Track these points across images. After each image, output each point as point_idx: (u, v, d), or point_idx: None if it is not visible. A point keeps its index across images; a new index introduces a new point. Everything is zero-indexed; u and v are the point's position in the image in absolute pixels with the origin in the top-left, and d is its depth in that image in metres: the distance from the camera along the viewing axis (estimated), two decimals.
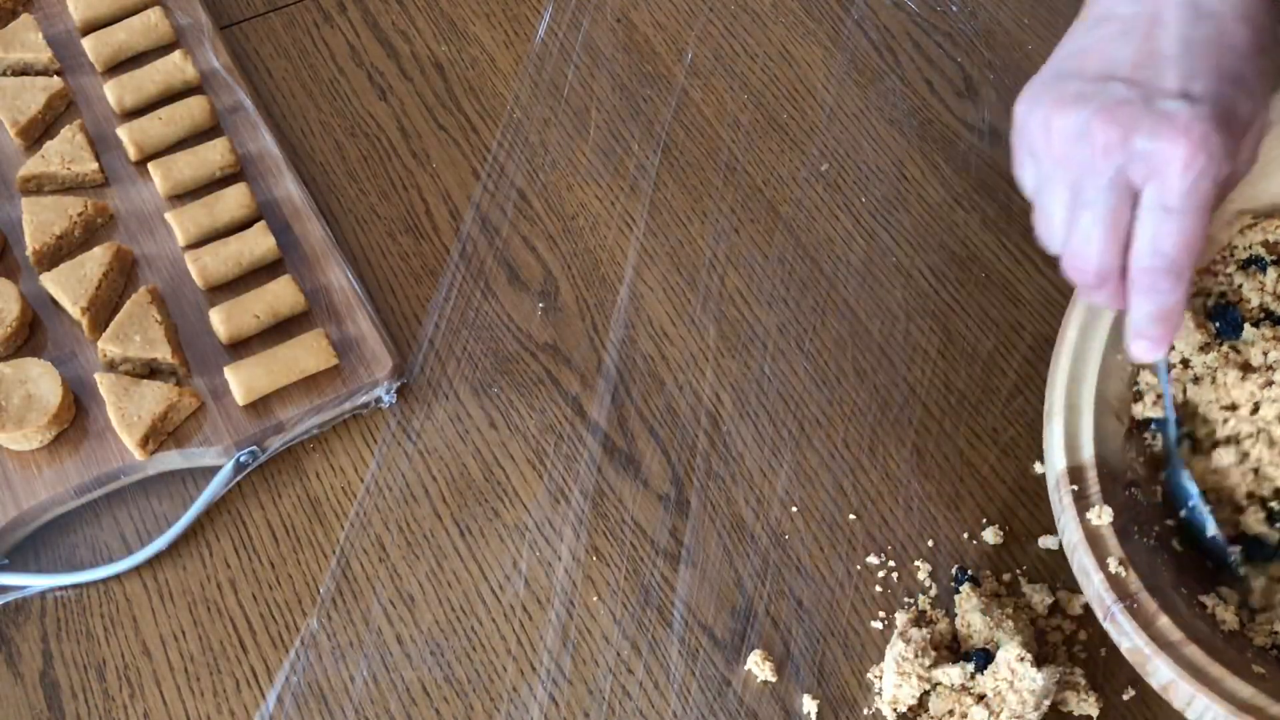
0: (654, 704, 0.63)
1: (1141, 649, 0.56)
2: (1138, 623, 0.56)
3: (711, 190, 0.81)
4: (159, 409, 0.68)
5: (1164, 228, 0.54)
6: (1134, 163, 0.54)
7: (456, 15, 0.89)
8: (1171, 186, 0.54)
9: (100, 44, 0.82)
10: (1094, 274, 0.57)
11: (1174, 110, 0.54)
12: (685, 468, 0.70)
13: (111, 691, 0.64)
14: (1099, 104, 0.55)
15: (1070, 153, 0.56)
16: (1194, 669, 0.55)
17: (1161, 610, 0.57)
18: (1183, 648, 0.55)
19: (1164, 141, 0.53)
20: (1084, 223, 0.56)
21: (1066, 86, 0.57)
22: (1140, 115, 0.54)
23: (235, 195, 0.76)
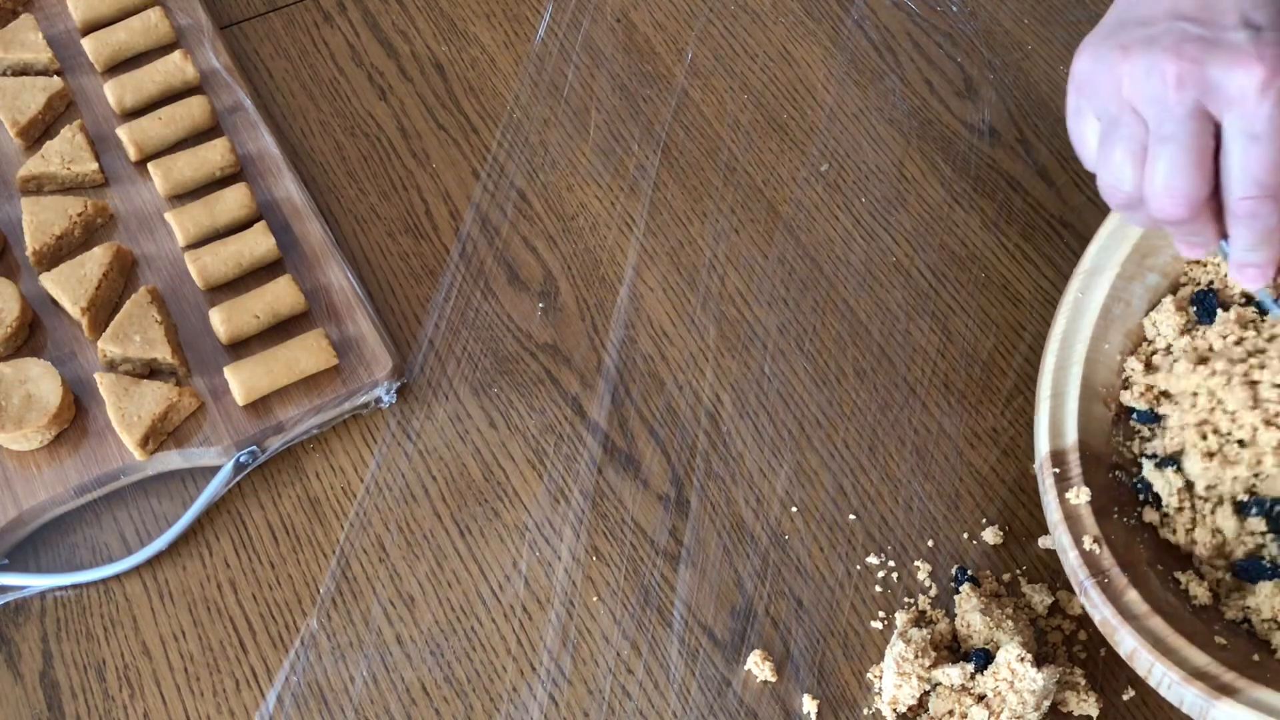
0: (654, 704, 0.63)
1: (1109, 620, 0.59)
2: (1107, 596, 0.59)
3: (711, 190, 0.81)
4: (159, 409, 0.68)
5: (1253, 154, 0.55)
6: (1210, 94, 0.55)
7: (456, 15, 0.89)
8: (1253, 112, 0.54)
9: (100, 44, 0.82)
10: (1188, 207, 0.57)
11: (1242, 40, 0.54)
12: (685, 468, 0.70)
13: (111, 691, 0.64)
14: (1167, 42, 0.55)
15: (1143, 92, 0.56)
16: (1154, 639, 0.58)
17: (1131, 585, 0.60)
18: (1147, 620, 0.58)
19: (1239, 69, 0.54)
20: (1166, 157, 0.56)
21: (1130, 34, 0.57)
22: (1210, 47, 0.55)
23: (235, 195, 0.76)
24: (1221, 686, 0.55)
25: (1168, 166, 0.56)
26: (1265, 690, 0.55)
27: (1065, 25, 0.88)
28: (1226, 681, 0.55)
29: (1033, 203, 0.80)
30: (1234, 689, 0.55)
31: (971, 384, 0.73)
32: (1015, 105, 0.84)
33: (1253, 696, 0.55)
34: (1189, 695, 0.56)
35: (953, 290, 0.76)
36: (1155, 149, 0.56)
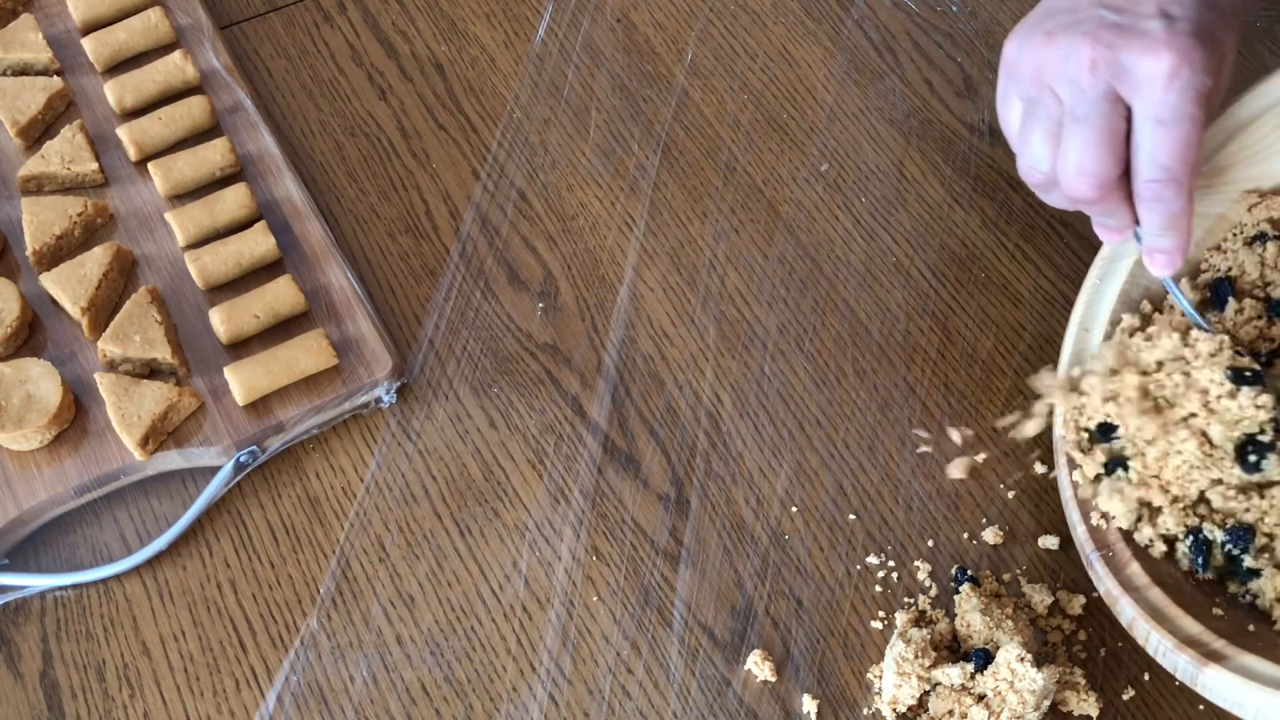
0: (654, 704, 0.63)
1: (1111, 591, 0.61)
2: (1110, 569, 0.61)
3: (711, 190, 0.81)
4: (159, 409, 0.68)
5: (1158, 139, 0.57)
6: (1121, 78, 0.57)
7: (456, 15, 0.89)
8: (1159, 99, 0.57)
9: (100, 44, 0.82)
10: (1097, 186, 0.59)
11: (1155, 28, 0.57)
12: (685, 468, 0.70)
13: (111, 691, 0.64)
14: (1086, 28, 0.58)
15: (1060, 74, 0.59)
16: (1152, 609, 0.59)
17: (1134, 559, 0.61)
18: (1147, 591, 0.60)
19: (1148, 56, 0.56)
20: (1078, 137, 0.59)
21: (1055, 20, 0.60)
22: (1125, 34, 0.57)
23: (235, 195, 0.76)
24: (1210, 653, 0.57)
25: (1079, 147, 0.59)
26: (1252, 657, 0.56)
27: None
28: (1216, 649, 0.57)
29: (1033, 203, 0.80)
30: (1223, 656, 0.56)
31: (971, 384, 0.73)
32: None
33: (1239, 663, 0.56)
34: (1181, 661, 0.57)
35: (953, 290, 0.76)
36: (1068, 129, 0.59)
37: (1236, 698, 0.55)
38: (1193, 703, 0.63)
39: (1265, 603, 0.61)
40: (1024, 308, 0.76)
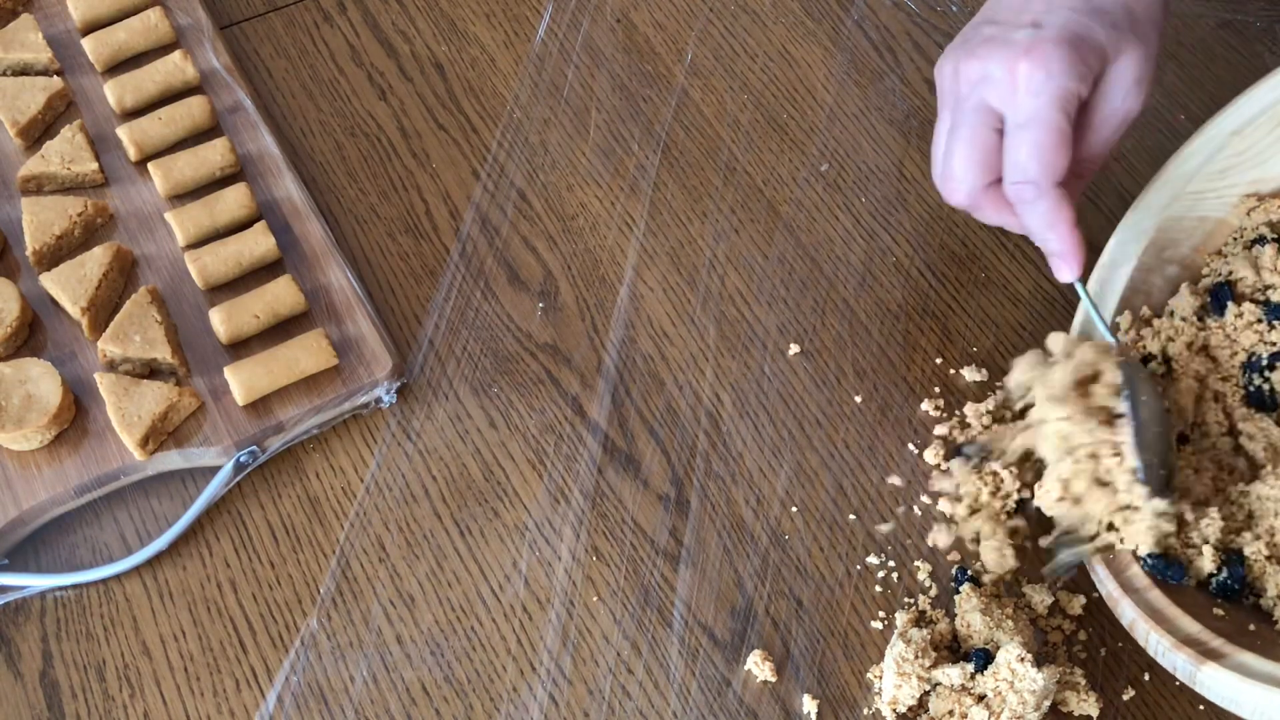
0: (654, 704, 0.63)
1: (1111, 593, 0.61)
2: (1111, 571, 0.62)
3: (711, 190, 0.81)
4: (159, 409, 0.68)
5: (1018, 143, 0.60)
6: (989, 88, 0.61)
7: (456, 15, 0.89)
8: (1018, 103, 0.60)
9: (100, 44, 0.82)
10: (966, 194, 0.63)
11: (1021, 37, 0.60)
12: (685, 468, 0.70)
13: (111, 691, 0.64)
14: (974, 43, 0.62)
15: (947, 90, 0.63)
16: (1151, 610, 0.60)
17: (1134, 561, 0.62)
18: (1147, 593, 0.60)
19: (1006, 63, 0.59)
20: (951, 147, 0.63)
21: (966, 38, 0.64)
22: (995, 45, 0.61)
23: (235, 195, 0.76)
24: (1208, 652, 0.57)
25: (951, 156, 0.63)
26: (1251, 655, 0.56)
27: None
28: (1214, 647, 0.57)
29: None
30: (1221, 654, 0.57)
31: (971, 384, 0.73)
32: None
33: (1237, 660, 0.56)
34: (1179, 660, 0.57)
35: (953, 290, 0.76)
36: (948, 141, 0.63)
37: (1234, 695, 0.56)
38: (1193, 703, 0.63)
39: (1268, 602, 0.61)
40: (1024, 308, 0.76)
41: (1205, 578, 0.62)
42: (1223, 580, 0.61)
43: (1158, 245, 0.69)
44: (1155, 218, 0.69)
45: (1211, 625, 0.58)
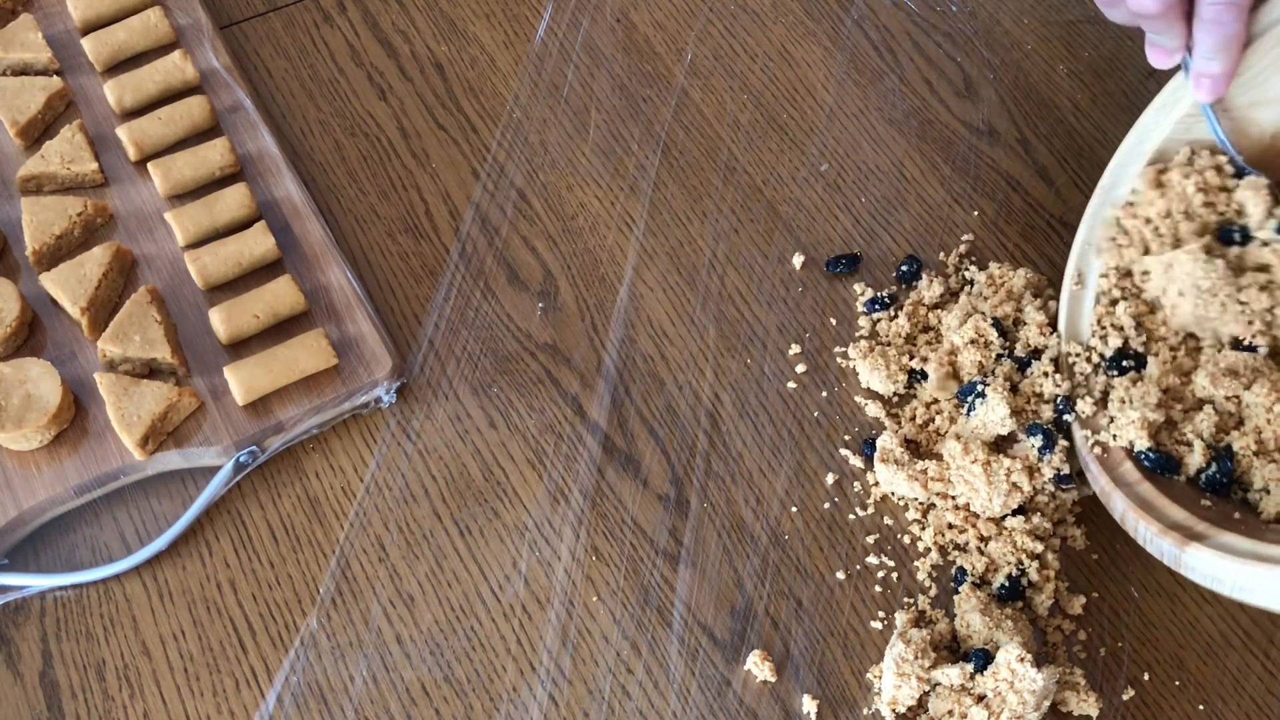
0: (654, 704, 0.63)
1: (1104, 489, 0.64)
2: (1104, 468, 0.64)
3: (711, 190, 0.81)
4: (159, 409, 0.68)
5: None
6: None
7: (456, 15, 0.89)
8: None
9: (100, 44, 0.82)
10: (1159, 6, 0.64)
11: None
12: (685, 468, 0.70)
13: (111, 691, 0.64)
14: None
15: None
16: (1141, 501, 0.62)
17: (1127, 457, 0.64)
18: (1138, 486, 0.63)
19: None
20: None
21: None
22: None
23: (235, 195, 0.76)
24: (1193, 535, 0.59)
25: None
26: (1233, 536, 0.58)
27: (1065, 25, 0.88)
28: (1199, 531, 0.59)
29: (1032, 203, 0.80)
30: (1204, 536, 0.58)
31: None
32: (1015, 105, 0.84)
33: (1219, 541, 0.58)
34: (1165, 545, 0.59)
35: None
36: None
37: (1215, 573, 0.57)
38: (1193, 703, 0.63)
39: (1255, 496, 0.63)
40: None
41: (1195, 474, 0.64)
42: (1211, 474, 0.63)
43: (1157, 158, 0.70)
44: (1153, 140, 0.70)
45: (1198, 513, 0.60)
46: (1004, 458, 0.65)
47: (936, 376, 0.70)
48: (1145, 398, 0.65)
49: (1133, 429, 0.64)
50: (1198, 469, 0.64)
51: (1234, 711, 0.63)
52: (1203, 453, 0.63)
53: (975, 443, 0.65)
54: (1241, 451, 0.63)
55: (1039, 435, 0.66)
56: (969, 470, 0.65)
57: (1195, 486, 0.64)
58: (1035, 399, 0.68)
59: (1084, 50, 0.87)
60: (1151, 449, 0.63)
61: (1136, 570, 0.67)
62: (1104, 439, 0.65)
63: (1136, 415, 0.64)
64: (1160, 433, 0.64)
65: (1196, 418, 0.64)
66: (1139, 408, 0.64)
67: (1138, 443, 0.64)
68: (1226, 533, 0.58)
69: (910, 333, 0.73)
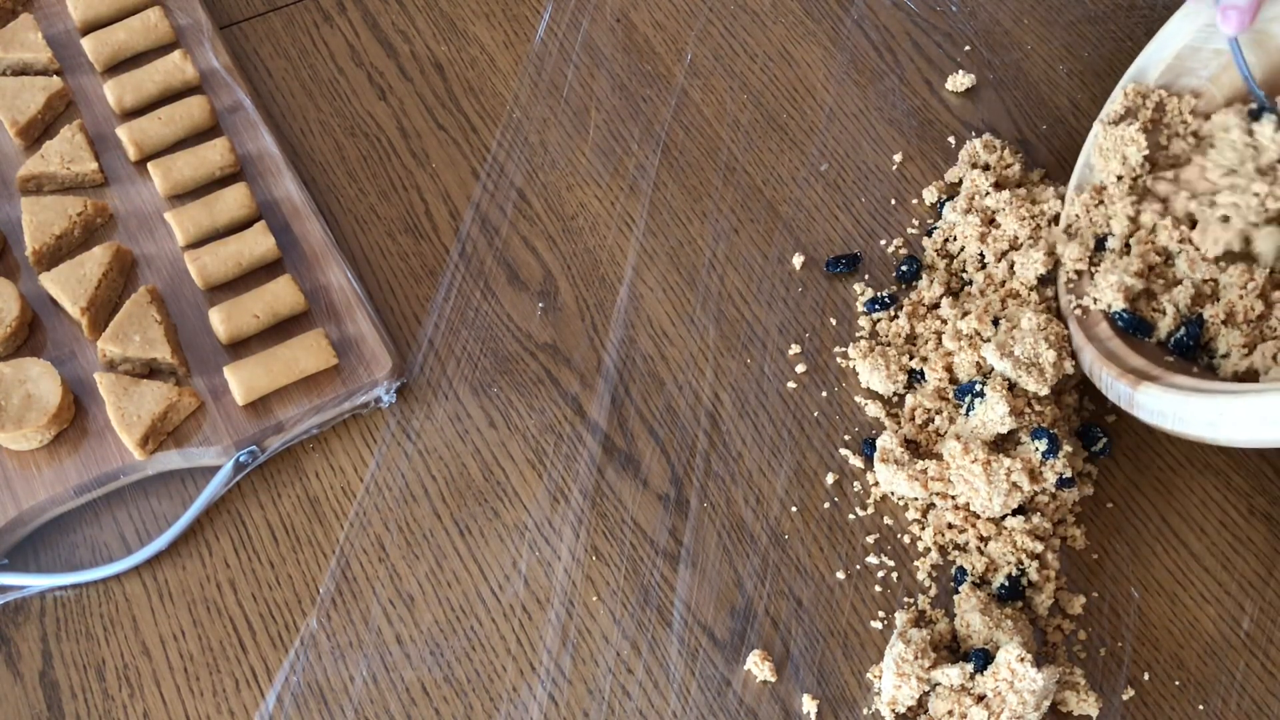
0: (654, 704, 0.63)
1: (1077, 344, 0.68)
2: (1080, 327, 0.69)
3: (711, 190, 0.81)
4: (158, 409, 0.68)
5: None
6: None
7: (456, 15, 0.89)
8: None
9: (100, 44, 0.82)
10: None
11: None
12: (685, 468, 0.70)
13: (111, 691, 0.64)
14: None
15: None
16: (1108, 353, 0.66)
17: (1104, 319, 0.68)
18: (1108, 341, 0.67)
19: None
20: None
21: None
22: None
23: (235, 195, 0.76)
24: (1148, 377, 0.63)
25: None
26: (1183, 377, 0.62)
27: (1065, 25, 0.88)
28: (1154, 374, 0.63)
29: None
30: (1158, 379, 0.63)
31: None
32: (1015, 105, 0.84)
33: (1170, 381, 0.62)
34: (1121, 388, 0.64)
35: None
36: None
37: (1159, 407, 0.61)
38: (1193, 703, 0.63)
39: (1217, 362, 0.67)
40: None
41: (1165, 337, 0.68)
42: (1180, 337, 0.68)
43: (1173, 72, 0.74)
44: (1174, 46, 0.74)
45: (1158, 362, 0.65)
46: (1004, 457, 0.65)
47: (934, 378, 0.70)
48: (1128, 267, 0.69)
49: (1110, 292, 0.68)
50: (1168, 332, 0.68)
51: (1234, 711, 0.63)
52: (1174, 318, 0.68)
53: (975, 442, 0.66)
54: (1211, 319, 0.68)
55: (1044, 439, 0.65)
56: (969, 470, 0.65)
57: (1164, 348, 0.68)
58: (1035, 400, 0.68)
59: (1084, 50, 0.87)
60: (1126, 310, 0.68)
61: (1136, 570, 0.67)
62: (1085, 303, 0.70)
63: (1116, 279, 0.68)
64: (1139, 299, 0.69)
65: (1175, 290, 0.69)
66: (1119, 273, 0.69)
67: (1114, 304, 0.68)
68: (1179, 376, 0.63)
69: (910, 333, 0.73)
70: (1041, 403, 0.68)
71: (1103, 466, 0.70)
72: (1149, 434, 0.71)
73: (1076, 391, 0.71)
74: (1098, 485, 0.69)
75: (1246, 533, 0.68)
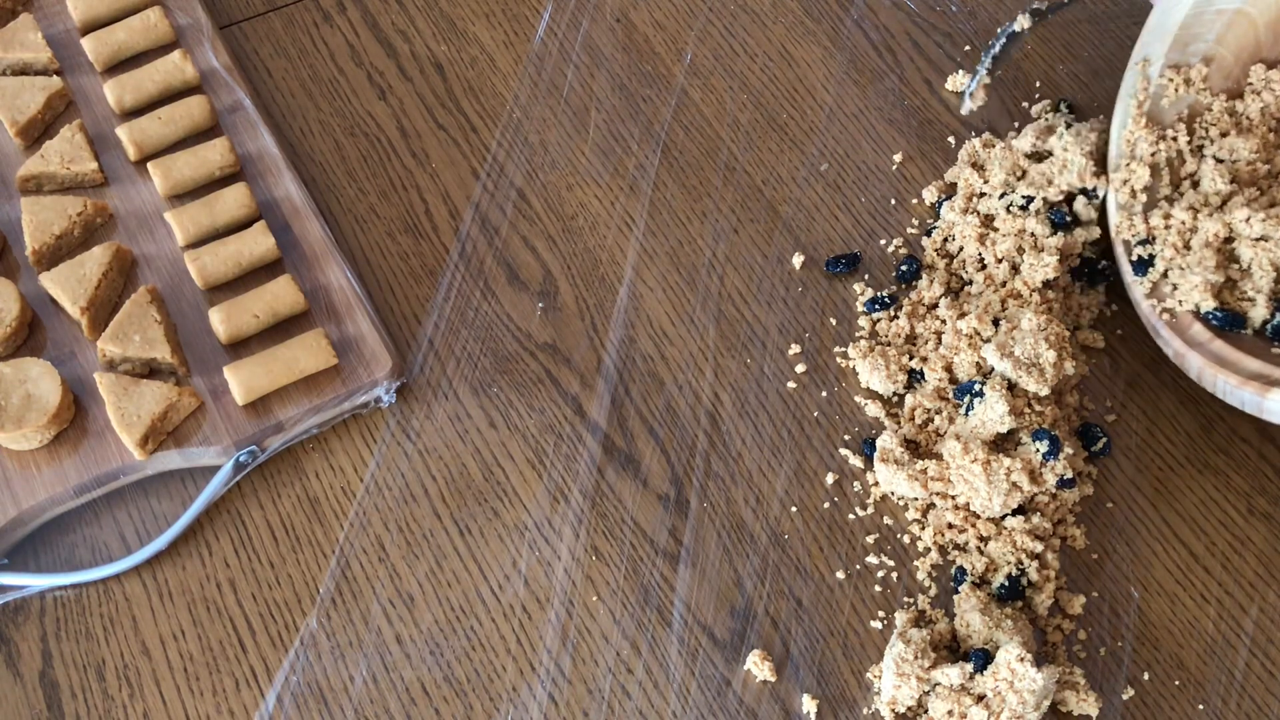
0: (654, 704, 0.63)
1: (1178, 350, 0.67)
2: (1174, 331, 0.67)
3: (711, 190, 0.81)
4: (158, 409, 0.68)
5: None
6: None
7: (456, 15, 0.89)
8: None
9: (100, 44, 0.82)
10: None
11: None
12: (685, 467, 0.70)
13: (111, 691, 0.64)
14: None
15: None
16: (1217, 358, 0.65)
17: (1195, 320, 0.67)
18: (1210, 344, 0.66)
19: None
20: None
21: None
22: None
23: (235, 195, 0.76)
24: (1273, 381, 0.62)
25: None
26: None
27: (1064, 25, 0.88)
28: (1278, 378, 0.62)
29: None
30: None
31: None
32: (1015, 105, 0.84)
33: None
34: (1246, 395, 0.63)
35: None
36: None
37: None
38: (1193, 703, 0.63)
39: None
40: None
41: (1261, 325, 0.67)
42: (1277, 323, 0.67)
43: (1182, 42, 0.74)
44: (1178, 14, 0.74)
45: (1272, 361, 0.64)
46: (1004, 457, 0.65)
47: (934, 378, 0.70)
48: (1204, 262, 0.68)
49: (1196, 292, 0.67)
50: (1263, 320, 0.67)
51: (1234, 711, 0.63)
52: (1265, 304, 0.67)
53: (975, 442, 0.66)
54: None
55: (1045, 440, 0.65)
56: (969, 470, 0.65)
57: (1263, 337, 0.67)
58: (1035, 400, 0.68)
59: (1084, 50, 0.87)
60: (1217, 308, 0.67)
61: (1136, 570, 0.67)
62: (1170, 305, 0.68)
63: (1199, 280, 0.67)
64: (1222, 292, 0.68)
65: (1255, 274, 0.68)
66: (1200, 272, 0.67)
67: (1203, 304, 0.67)
68: None
69: (910, 333, 0.73)
70: (1041, 403, 0.68)
71: (1103, 466, 0.70)
72: (1149, 434, 0.71)
73: (1077, 392, 0.71)
74: (1098, 485, 0.69)
75: (1246, 533, 0.68)
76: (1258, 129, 0.73)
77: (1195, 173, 0.72)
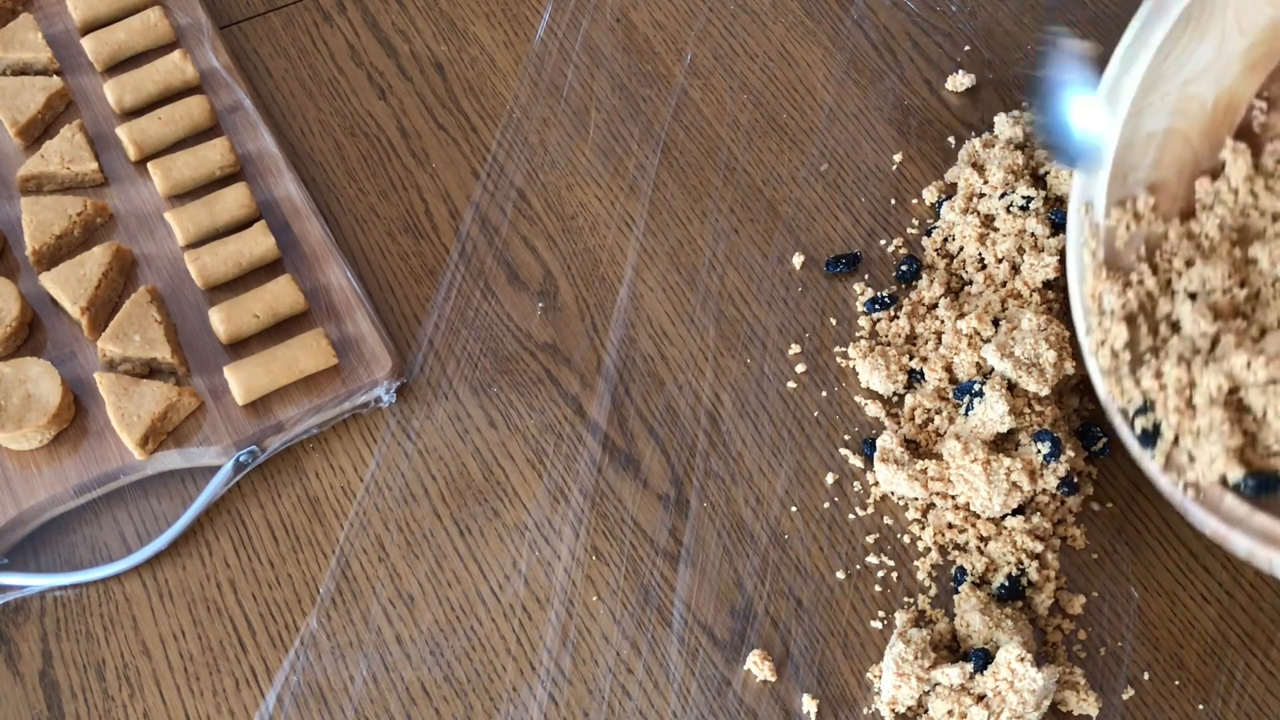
0: (654, 704, 0.63)
1: (1218, 530, 0.60)
2: (1208, 510, 0.60)
3: (711, 190, 0.81)
4: (158, 409, 0.68)
5: None
6: None
7: (456, 15, 0.89)
8: None
9: (100, 44, 0.82)
10: None
11: None
12: (685, 467, 0.70)
13: (111, 691, 0.64)
14: None
15: None
16: (1265, 535, 0.58)
17: (1226, 492, 0.60)
18: (1252, 519, 0.59)
19: None
20: None
21: None
22: None
23: (235, 195, 0.76)
24: None
25: None
26: None
27: (1065, 25, 0.88)
28: None
29: None
30: None
31: None
32: (1015, 105, 0.84)
33: None
34: None
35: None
36: None
37: None
38: (1193, 703, 0.63)
39: None
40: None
41: None
42: None
43: (1119, 175, 0.68)
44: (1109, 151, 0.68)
45: None
46: (1004, 457, 0.65)
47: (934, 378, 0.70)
48: (1216, 425, 0.61)
49: (1220, 462, 0.60)
50: None
51: (1234, 711, 0.63)
52: None
53: (975, 442, 0.65)
54: None
55: (1046, 441, 0.65)
56: (969, 470, 0.65)
57: None
58: (1036, 400, 0.68)
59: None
60: (1247, 475, 0.60)
61: (1137, 570, 0.67)
62: (1192, 478, 0.61)
63: (1218, 449, 0.60)
64: (1245, 451, 0.61)
65: (1273, 422, 0.61)
66: (1216, 440, 0.61)
67: (1230, 474, 0.60)
68: None
69: (910, 333, 0.73)
70: (1042, 403, 0.68)
71: (1103, 466, 0.70)
72: None
73: (1077, 392, 0.71)
74: (1098, 485, 0.69)
75: None
76: (1220, 247, 0.67)
77: (1172, 313, 0.66)
